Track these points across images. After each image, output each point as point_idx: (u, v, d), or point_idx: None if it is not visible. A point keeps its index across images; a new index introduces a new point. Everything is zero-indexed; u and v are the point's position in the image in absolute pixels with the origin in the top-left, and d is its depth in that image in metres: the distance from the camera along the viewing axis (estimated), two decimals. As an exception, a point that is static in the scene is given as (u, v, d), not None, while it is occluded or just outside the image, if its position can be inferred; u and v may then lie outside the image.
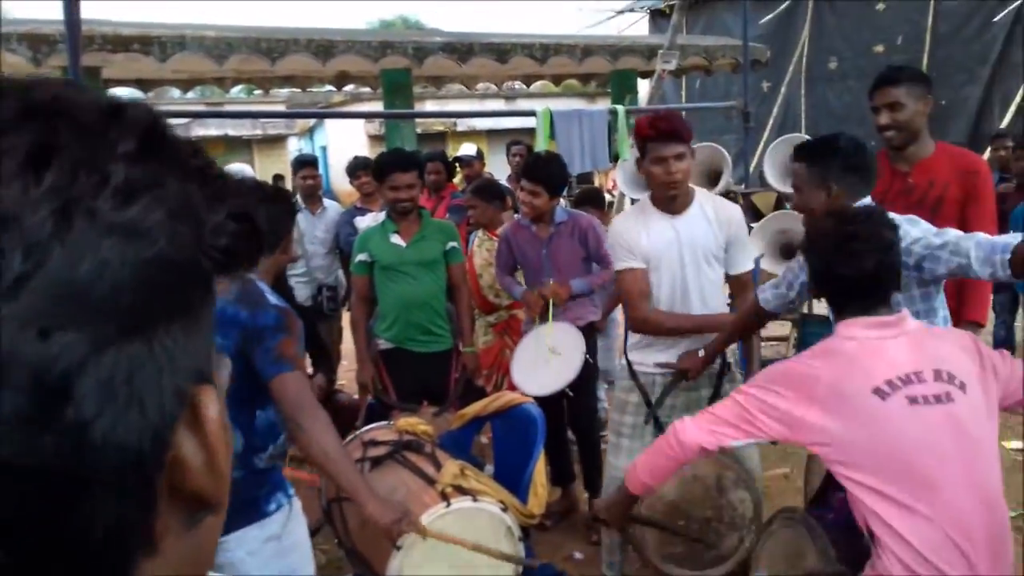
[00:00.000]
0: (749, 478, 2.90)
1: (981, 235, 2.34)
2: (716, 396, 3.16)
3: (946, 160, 3.25)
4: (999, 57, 10.30)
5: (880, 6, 11.31)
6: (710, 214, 3.17)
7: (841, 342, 2.02)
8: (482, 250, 4.71)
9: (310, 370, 4.91)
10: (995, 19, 10.06)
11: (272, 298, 2.43)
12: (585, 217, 4.31)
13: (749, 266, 3.33)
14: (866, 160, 2.66)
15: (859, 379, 1.93)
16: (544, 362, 3.89)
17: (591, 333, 4.23)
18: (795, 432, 1.98)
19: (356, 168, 5.90)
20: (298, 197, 5.59)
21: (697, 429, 2.09)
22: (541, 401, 3.82)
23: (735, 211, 3.31)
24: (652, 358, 3.26)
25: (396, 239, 4.09)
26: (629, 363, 3.34)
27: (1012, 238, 2.28)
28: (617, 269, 3.24)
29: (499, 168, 9.29)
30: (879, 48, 11.33)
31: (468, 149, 7.65)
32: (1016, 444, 4.93)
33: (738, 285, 3.32)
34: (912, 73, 3.26)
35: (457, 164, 7.52)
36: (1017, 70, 10.03)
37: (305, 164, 5.80)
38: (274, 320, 2.35)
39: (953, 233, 2.39)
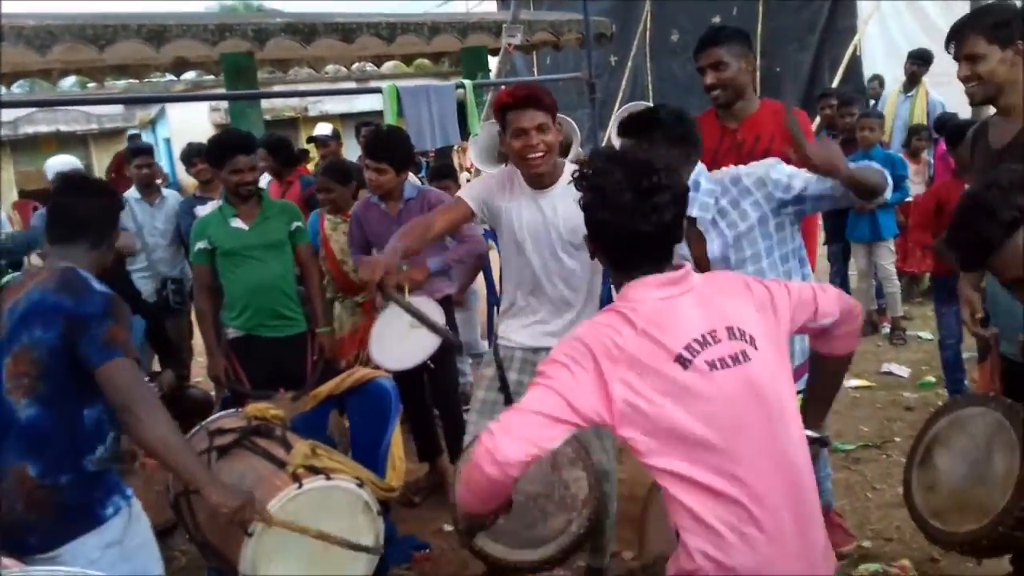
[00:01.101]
0: (586, 455, 2.62)
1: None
2: None
3: (770, 115, 3.39)
4: (826, 24, 10.88)
5: (716, -22, 11.74)
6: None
7: (635, 305, 1.74)
8: (337, 233, 4.59)
9: (158, 367, 4.71)
10: (820, -12, 10.62)
11: (97, 285, 2.30)
12: (434, 192, 4.28)
13: None
14: (688, 130, 2.66)
15: (661, 346, 1.68)
16: (402, 336, 3.83)
17: (449, 306, 4.21)
18: (610, 414, 1.68)
19: (191, 155, 5.66)
20: (134, 188, 5.32)
21: (511, 441, 1.65)
22: (402, 376, 3.79)
23: None
24: (515, 334, 3.10)
25: (237, 223, 3.95)
26: (496, 336, 3.21)
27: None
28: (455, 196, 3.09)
29: (354, 151, 9.10)
30: (716, 19, 11.74)
31: (324, 129, 7.45)
32: (854, 382, 5.26)
33: None
34: (731, 32, 3.36)
35: (313, 144, 7.35)
36: (842, 36, 10.63)
37: (139, 153, 5.51)
38: (101, 307, 2.24)
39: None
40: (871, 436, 4.53)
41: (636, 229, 1.73)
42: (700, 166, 2.67)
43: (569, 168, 2.98)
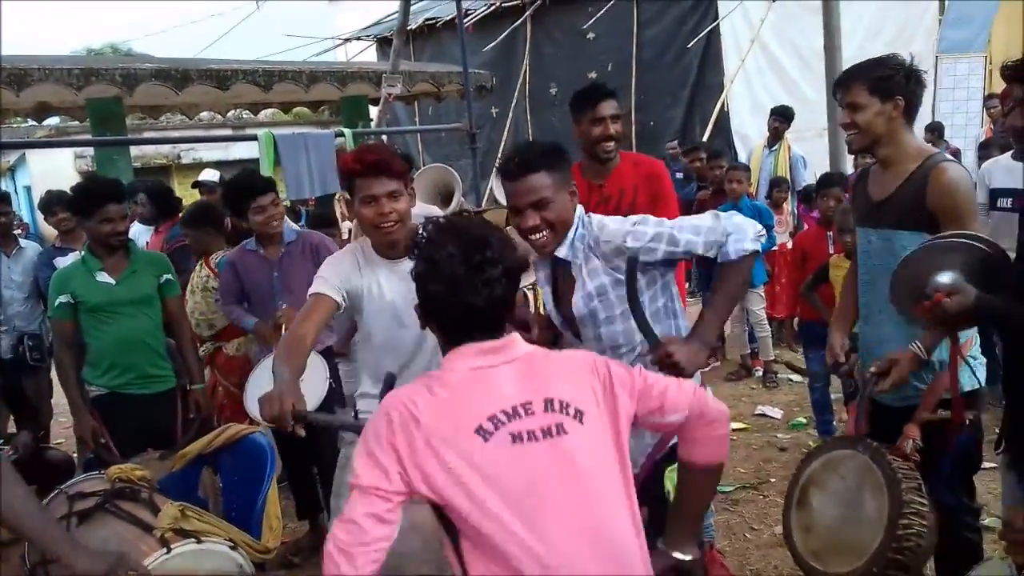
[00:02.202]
0: None
1: (701, 224, 2.38)
2: None
3: (631, 168, 3.52)
4: (695, 81, 11.38)
5: (590, 35, 12.12)
6: None
7: (444, 375, 1.75)
8: (191, 277, 4.46)
9: (13, 428, 4.40)
10: (688, 46, 11.11)
11: None
12: (315, 234, 4.19)
13: None
14: (561, 156, 2.53)
15: (462, 417, 1.67)
16: None
17: (330, 358, 4.10)
18: (417, 488, 1.67)
19: (51, 204, 5.39)
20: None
21: (341, 540, 1.63)
22: (282, 432, 3.64)
23: None
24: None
25: (103, 277, 3.74)
26: (356, 413, 2.91)
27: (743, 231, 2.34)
28: (310, 293, 2.70)
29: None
30: (592, 75, 12.14)
31: (210, 175, 7.25)
32: (731, 425, 5.40)
33: None
34: (613, 90, 3.51)
35: (198, 190, 7.14)
36: (711, 91, 11.14)
37: (-8, 200, 5.20)
38: None
39: (667, 229, 2.39)
40: (748, 478, 4.65)
41: (466, 302, 1.71)
42: (578, 210, 2.51)
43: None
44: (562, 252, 2.49)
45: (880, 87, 2.58)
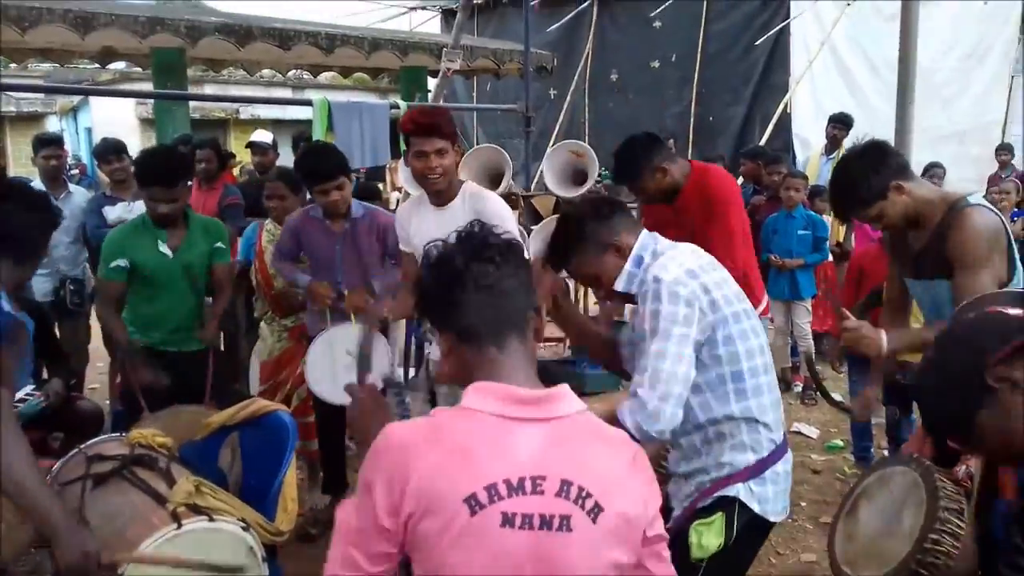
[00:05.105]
0: None
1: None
2: None
3: None
4: (760, 79, 11.14)
5: (656, 24, 11.91)
6: (467, 206, 3.15)
7: (458, 418, 1.42)
8: (273, 247, 4.40)
9: (46, 374, 4.42)
10: (756, 43, 10.85)
11: (5, 305, 2.15)
12: (384, 213, 4.09)
13: None
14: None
15: (458, 478, 1.34)
16: (345, 368, 3.62)
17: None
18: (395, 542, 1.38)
19: (106, 152, 5.39)
20: (38, 179, 5.05)
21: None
22: (325, 406, 3.83)
23: (491, 201, 3.22)
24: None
25: (164, 248, 3.74)
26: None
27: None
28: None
29: (285, 159, 8.82)
30: (655, 64, 11.92)
31: (263, 136, 7.21)
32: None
33: None
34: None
35: (250, 150, 7.12)
36: (775, 91, 10.89)
37: (48, 143, 5.24)
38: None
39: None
40: (777, 497, 4.51)
41: (480, 283, 1.48)
42: (646, 236, 2.32)
43: (466, 186, 3.26)
44: (620, 285, 2.29)
45: (871, 198, 2.68)
